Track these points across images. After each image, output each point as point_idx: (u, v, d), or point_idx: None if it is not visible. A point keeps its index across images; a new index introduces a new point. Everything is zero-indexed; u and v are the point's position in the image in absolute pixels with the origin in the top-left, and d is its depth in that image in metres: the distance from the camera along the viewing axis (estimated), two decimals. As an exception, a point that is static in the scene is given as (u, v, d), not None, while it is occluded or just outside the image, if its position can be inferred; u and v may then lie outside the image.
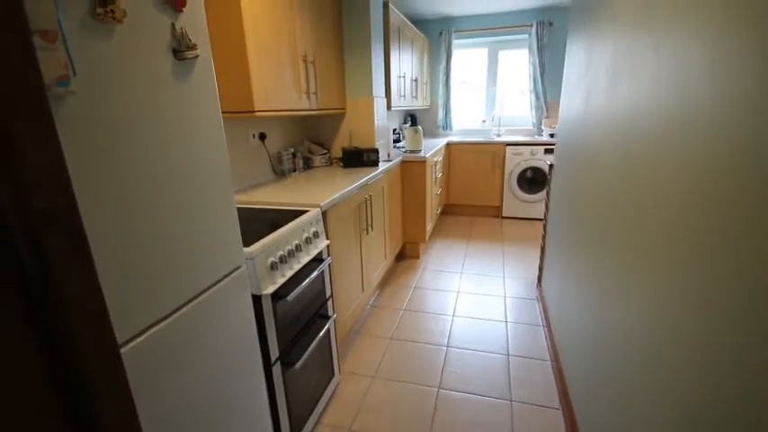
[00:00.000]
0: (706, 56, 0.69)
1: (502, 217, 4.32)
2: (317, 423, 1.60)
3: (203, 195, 0.90)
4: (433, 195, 3.51)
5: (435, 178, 3.55)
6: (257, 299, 1.17)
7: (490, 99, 4.68)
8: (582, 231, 1.54)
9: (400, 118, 4.52)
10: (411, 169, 3.04)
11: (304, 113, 2.04)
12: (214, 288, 0.96)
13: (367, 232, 2.21)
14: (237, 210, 1.60)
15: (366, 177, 2.15)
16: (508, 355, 2.00)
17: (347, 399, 1.74)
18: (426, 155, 3.02)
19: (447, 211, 4.51)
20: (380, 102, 2.79)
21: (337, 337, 1.81)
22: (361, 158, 2.52)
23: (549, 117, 4.36)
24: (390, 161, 2.74)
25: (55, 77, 0.52)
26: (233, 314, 1.04)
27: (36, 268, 0.41)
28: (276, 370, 1.26)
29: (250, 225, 1.40)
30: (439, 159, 3.67)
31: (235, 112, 1.61)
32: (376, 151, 2.54)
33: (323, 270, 1.58)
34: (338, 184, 1.94)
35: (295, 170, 2.38)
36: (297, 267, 1.36)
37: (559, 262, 1.97)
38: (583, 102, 1.66)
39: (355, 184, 1.96)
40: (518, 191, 4.15)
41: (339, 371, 1.83)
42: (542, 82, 4.23)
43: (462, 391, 1.76)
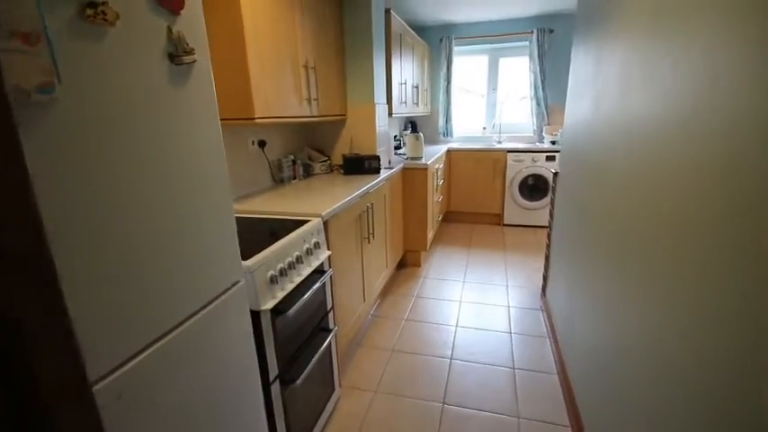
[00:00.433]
0: (730, 61, 0.65)
1: (503, 224, 4.28)
2: (318, 441, 1.54)
3: (201, 209, 0.85)
4: (435, 203, 3.47)
5: (436, 185, 3.51)
6: (256, 315, 1.12)
7: (491, 106, 4.66)
8: (592, 241, 1.50)
9: (401, 125, 4.49)
10: (412, 176, 3.00)
11: (304, 120, 2.00)
12: (211, 306, 0.91)
13: (368, 241, 2.16)
14: (236, 219, 1.57)
15: (367, 185, 2.11)
16: (514, 369, 1.94)
17: (348, 415, 1.68)
18: (428, 162, 2.98)
19: (448, 219, 4.46)
20: (382, 108, 2.75)
21: (338, 351, 1.75)
22: (362, 165, 2.48)
23: (551, 124, 4.34)
24: (392, 168, 2.70)
25: (36, 84, 0.48)
26: (230, 332, 0.98)
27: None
28: (275, 389, 1.21)
29: (248, 235, 1.34)
30: (440, 166, 3.63)
31: (234, 119, 1.57)
32: (377, 158, 2.50)
33: (324, 282, 1.52)
34: (339, 193, 1.90)
35: (295, 177, 2.33)
36: (298, 280, 1.31)
37: (566, 272, 1.93)
38: (591, 108, 1.63)
39: (357, 193, 1.91)
40: (519, 198, 4.12)
41: (340, 385, 1.77)
42: (543, 89, 4.22)
43: (468, 407, 1.70)
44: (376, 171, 2.50)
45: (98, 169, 0.62)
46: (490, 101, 4.65)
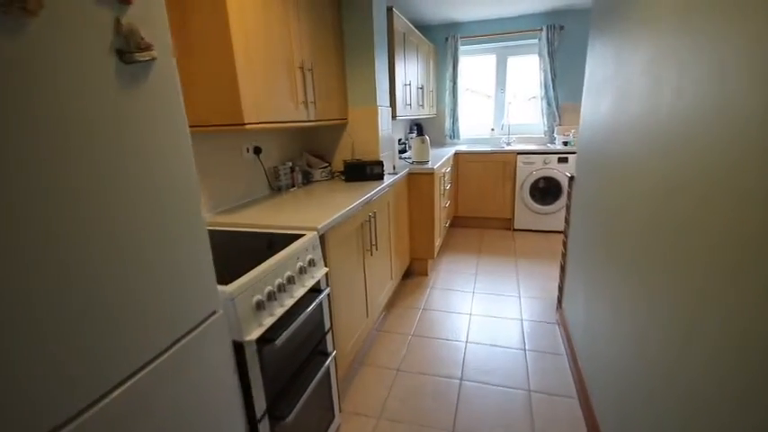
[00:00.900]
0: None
1: (513, 229, 4.11)
2: (315, 477, 1.40)
3: (164, 234, 0.73)
4: (442, 208, 3.32)
5: (444, 190, 3.36)
6: (239, 346, 0.99)
7: (499, 106, 4.50)
8: (616, 250, 1.34)
9: (406, 127, 4.36)
10: (418, 182, 2.86)
11: (301, 125, 1.88)
12: (181, 343, 0.78)
13: (371, 253, 2.02)
14: (223, 234, 1.46)
15: (370, 193, 1.98)
16: (529, 391, 1.79)
17: (349, 445, 1.54)
18: (434, 166, 2.84)
19: (456, 224, 4.31)
20: (385, 111, 2.62)
21: (338, 374, 1.62)
22: (364, 172, 2.35)
23: (563, 124, 4.17)
24: (396, 174, 2.57)
25: None
26: (208, 370, 0.86)
27: None
28: (264, 427, 1.08)
29: (237, 253, 1.22)
30: (447, 170, 3.49)
31: (223, 126, 1.45)
32: (380, 164, 2.37)
33: (321, 301, 1.39)
34: (339, 202, 1.77)
35: (293, 185, 2.21)
36: (289, 303, 1.18)
37: (585, 283, 1.77)
38: (612, 107, 1.48)
39: (358, 202, 1.78)
40: (530, 202, 3.95)
41: (340, 410, 1.63)
42: (554, 88, 4.05)
43: (480, 437, 1.56)
44: (379, 177, 2.37)
45: (22, 197, 0.50)
46: (498, 101, 4.49)
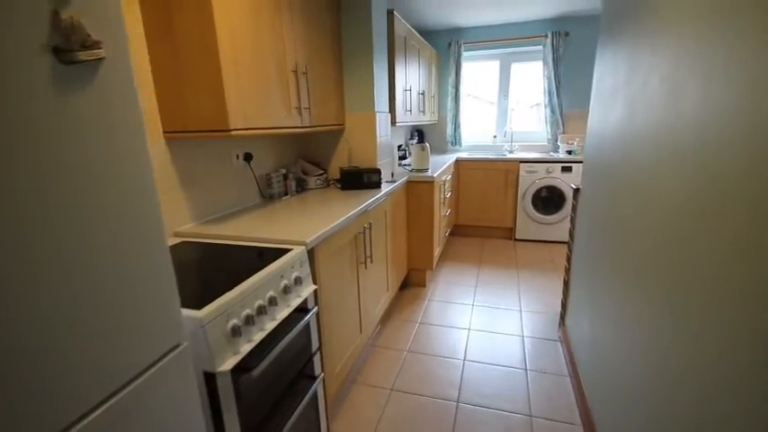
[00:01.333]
0: None
1: (515, 239, 4.01)
2: None
3: (115, 258, 0.64)
4: (441, 217, 3.23)
5: (444, 199, 3.27)
6: (211, 377, 0.89)
7: (502, 113, 4.42)
8: (628, 266, 1.24)
9: (406, 133, 4.28)
10: (417, 190, 2.77)
11: (295, 131, 1.79)
12: (136, 382, 0.68)
13: (365, 265, 1.93)
14: (203, 246, 1.34)
15: (366, 203, 1.88)
16: (531, 416, 1.68)
17: (337, 475, 1.44)
18: (434, 174, 2.75)
19: (456, 232, 4.21)
20: (383, 117, 2.54)
21: (327, 396, 1.52)
22: (360, 180, 2.26)
23: (566, 132, 4.08)
24: (395, 182, 2.47)
25: None
26: (170, 409, 0.76)
27: None
28: (238, 465, 0.98)
29: (216, 267, 1.13)
30: (447, 178, 3.39)
31: (206, 132, 1.36)
32: (378, 172, 2.27)
33: (308, 322, 1.30)
34: (332, 212, 1.67)
35: (287, 193, 2.12)
36: (271, 326, 1.08)
37: (591, 300, 1.67)
38: (624, 115, 1.38)
39: (352, 212, 1.69)
40: (533, 212, 3.85)
41: (329, 435, 1.53)
42: (558, 95, 3.97)
43: (477, 468, 1.45)
44: (376, 186, 2.28)
45: None
46: (501, 108, 4.41)
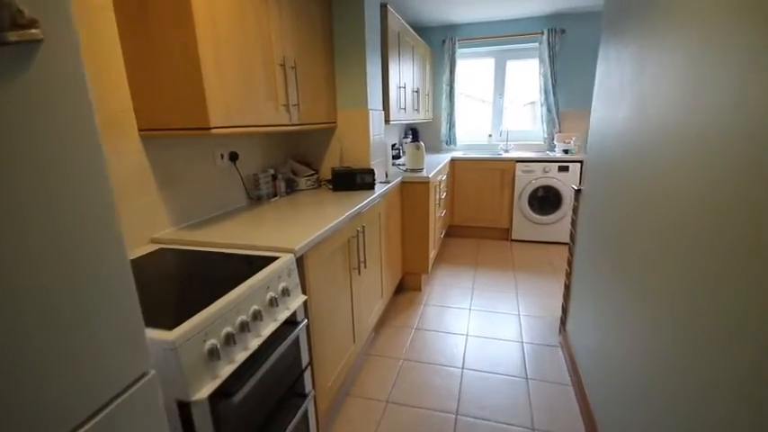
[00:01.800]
0: None
1: (511, 240, 3.95)
2: None
3: (63, 277, 0.53)
4: (437, 218, 3.14)
5: (439, 199, 3.18)
6: (186, 407, 0.79)
7: (497, 112, 4.35)
8: (638, 269, 1.17)
9: (400, 132, 4.18)
10: (412, 191, 2.67)
11: (283, 129, 1.69)
12: (95, 419, 0.58)
13: (359, 271, 1.83)
14: (181, 255, 1.21)
15: (359, 205, 1.79)
16: (533, 430, 1.60)
17: (329, 498, 1.34)
18: (429, 175, 2.66)
19: (451, 233, 4.14)
20: (377, 115, 2.44)
21: (318, 414, 1.42)
22: (353, 181, 2.16)
23: (563, 131, 4.02)
24: (389, 182, 2.38)
25: None
26: (134, 449, 0.66)
27: None
28: (218, 501, 0.88)
29: (194, 279, 1.02)
30: (443, 178, 3.31)
31: (185, 130, 1.25)
32: (371, 172, 2.18)
33: (298, 335, 1.20)
34: (324, 215, 1.58)
35: (275, 195, 2.02)
36: (255, 344, 0.98)
37: (596, 305, 1.59)
38: (630, 115, 1.31)
39: (345, 215, 1.59)
40: (529, 212, 3.79)
41: (321, 454, 1.44)
42: (554, 93, 3.90)
43: (478, 488, 1.36)
44: (370, 187, 2.18)
45: None
46: (497, 106, 4.33)
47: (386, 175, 2.60)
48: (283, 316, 1.11)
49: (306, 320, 1.22)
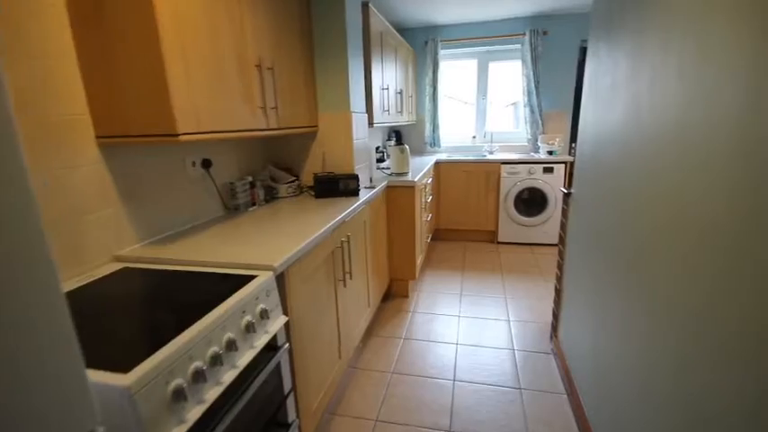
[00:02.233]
0: None
1: (498, 242, 3.91)
2: None
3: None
4: (423, 223, 3.07)
5: (425, 203, 3.11)
6: (146, 460, 0.68)
7: (480, 113, 4.32)
8: (638, 272, 1.11)
9: (384, 135, 4.10)
10: (397, 195, 2.59)
11: (260, 134, 1.58)
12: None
13: (344, 283, 1.73)
14: (147, 274, 1.09)
15: (343, 213, 1.69)
16: (530, 445, 1.54)
17: None
18: (415, 179, 2.58)
19: (437, 236, 4.08)
20: (360, 117, 2.35)
21: (303, 441, 1.32)
22: (336, 187, 2.06)
23: (546, 132, 4.02)
24: (373, 188, 2.29)
25: None
26: None
27: None
28: None
29: (159, 306, 0.91)
30: (428, 181, 3.24)
31: (151, 136, 1.13)
32: (355, 178, 2.08)
33: (279, 361, 1.09)
34: (307, 225, 1.47)
35: (254, 204, 1.90)
36: (231, 378, 0.87)
37: (592, 310, 1.54)
38: (627, 116, 1.26)
39: (328, 226, 1.50)
40: (515, 213, 3.76)
41: (307, 483, 1.33)
42: (537, 95, 3.89)
43: None
44: (354, 193, 2.08)
45: None
46: (480, 108, 4.30)
47: (370, 180, 2.52)
48: (262, 342, 1.00)
49: (287, 344, 1.12)
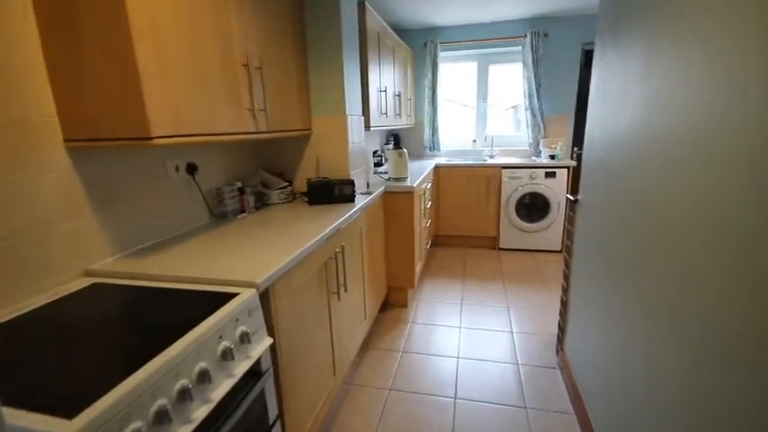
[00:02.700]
0: None
1: (499, 248, 3.81)
2: None
3: None
4: (422, 229, 2.97)
5: (424, 209, 3.01)
6: None
7: (481, 117, 4.23)
8: (655, 289, 1.01)
9: (382, 138, 4.01)
10: (395, 201, 2.49)
11: (249, 137, 1.48)
12: None
13: (338, 296, 1.63)
14: (118, 291, 0.99)
15: (338, 221, 1.59)
16: (537, 471, 1.43)
17: None
18: (414, 184, 2.48)
19: (437, 242, 3.97)
20: (356, 120, 2.25)
21: (292, 471, 1.21)
22: (331, 193, 1.96)
23: (548, 136, 3.93)
24: (370, 193, 2.19)
25: None
26: None
27: None
28: None
29: (124, 330, 0.80)
30: (428, 186, 3.14)
31: (123, 140, 1.03)
32: (351, 183, 1.98)
33: (262, 388, 0.99)
34: (298, 234, 1.37)
35: (243, 211, 1.79)
36: (204, 413, 0.77)
37: (599, 325, 1.44)
38: (640, 119, 1.16)
39: (320, 236, 1.39)
40: (516, 219, 3.66)
41: None
42: (538, 98, 3.81)
43: None
44: (349, 199, 1.98)
45: None
46: (480, 111, 4.22)
47: (367, 186, 2.42)
48: (243, 368, 0.90)
49: (270, 369, 1.01)
